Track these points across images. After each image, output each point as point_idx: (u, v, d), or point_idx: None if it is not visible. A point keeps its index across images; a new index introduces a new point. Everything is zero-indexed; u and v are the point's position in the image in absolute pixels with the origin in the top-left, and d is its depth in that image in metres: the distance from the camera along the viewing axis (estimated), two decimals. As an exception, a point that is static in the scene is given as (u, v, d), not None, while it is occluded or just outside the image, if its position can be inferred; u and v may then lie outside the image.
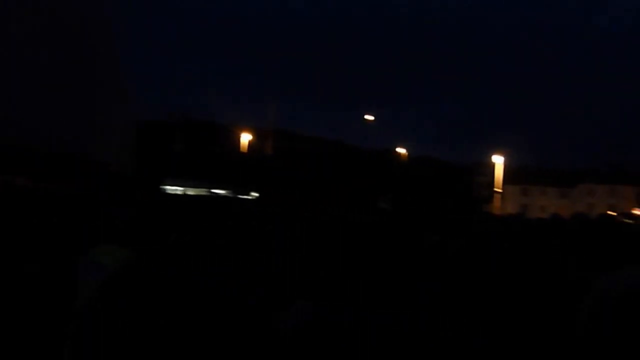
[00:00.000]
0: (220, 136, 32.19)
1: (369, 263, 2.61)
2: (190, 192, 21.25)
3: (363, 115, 43.60)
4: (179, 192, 20.27)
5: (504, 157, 36.35)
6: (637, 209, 36.70)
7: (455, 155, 64.55)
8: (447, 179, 40.73)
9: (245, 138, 35.56)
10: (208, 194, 22.77)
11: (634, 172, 49.18)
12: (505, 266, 2.46)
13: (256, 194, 27.73)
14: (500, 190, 35.25)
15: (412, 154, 45.54)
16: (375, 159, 40.31)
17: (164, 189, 20.17)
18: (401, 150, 44.17)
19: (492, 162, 37.25)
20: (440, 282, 2.06)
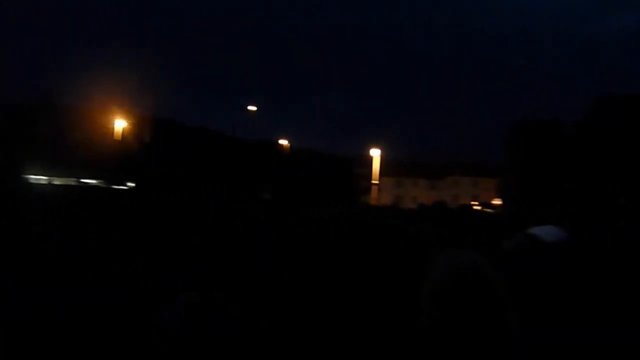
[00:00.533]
0: (89, 121, 29.67)
1: (244, 250, 2.61)
2: (57, 181, 19.46)
3: (247, 106, 43.14)
4: (43, 182, 18.46)
5: (381, 150, 38.35)
6: (496, 199, 40.72)
7: (338, 148, 66.64)
8: (328, 170, 41.91)
9: (120, 125, 33.32)
10: (77, 183, 21.07)
11: (494, 166, 54.49)
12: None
13: (132, 184, 26.19)
14: (377, 182, 37.13)
15: (295, 145, 46.12)
16: (258, 150, 40.12)
17: (26, 179, 18.30)
18: (284, 142, 44.54)
19: (370, 155, 39.07)
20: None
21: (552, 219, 2.95)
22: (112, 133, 32.89)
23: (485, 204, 34.32)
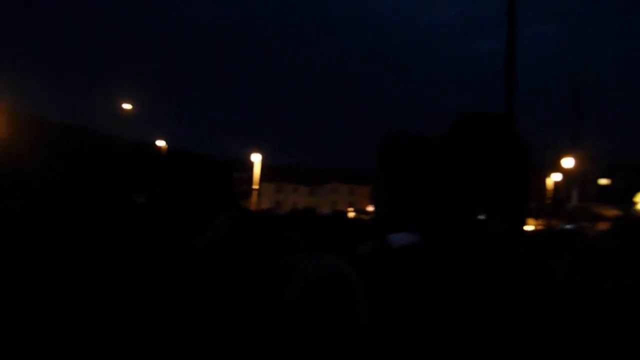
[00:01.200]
0: None
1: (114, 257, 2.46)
2: None
3: (121, 104, 40.44)
4: None
5: (262, 155, 38.42)
6: (370, 206, 42.70)
7: (219, 151, 65.21)
8: (207, 174, 40.88)
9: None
10: None
11: (370, 175, 57.28)
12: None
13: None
14: (257, 187, 37.05)
15: (173, 147, 44.22)
16: (132, 150, 37.76)
17: None
18: (161, 143, 42.53)
19: (251, 160, 38.92)
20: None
21: (411, 226, 3.25)
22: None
23: (360, 211, 35.96)
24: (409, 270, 2.15)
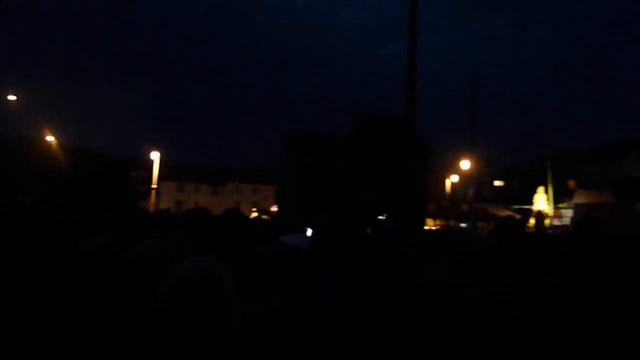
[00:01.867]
0: None
1: None
2: None
3: (6, 95, 36.85)
4: None
5: (162, 153, 36.98)
6: (274, 206, 42.73)
7: (116, 148, 61.97)
8: (100, 172, 38.55)
9: None
10: None
11: (274, 173, 57.25)
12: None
13: None
14: (155, 186, 35.62)
15: (65, 142, 41.13)
16: (15, 145, 34.58)
17: None
18: (50, 138, 39.37)
19: (150, 158, 37.29)
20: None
21: (307, 226, 3.26)
22: None
23: (263, 211, 35.87)
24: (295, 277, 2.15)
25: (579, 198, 22.41)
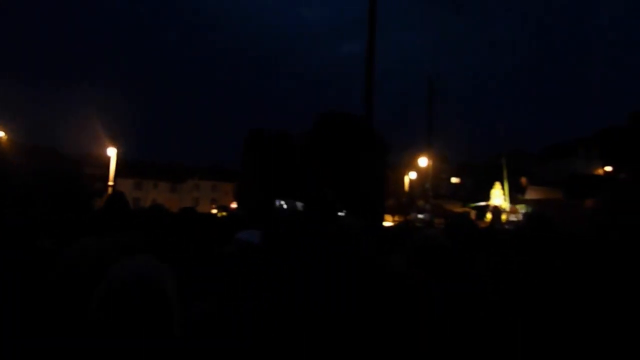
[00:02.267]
0: None
1: None
2: None
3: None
4: None
5: (119, 149, 35.98)
6: (234, 202, 42.46)
7: (71, 145, 59.98)
8: (52, 169, 37.17)
9: None
10: None
11: (232, 170, 56.82)
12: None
13: None
14: (112, 184, 34.64)
15: (15, 139, 39.41)
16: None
17: None
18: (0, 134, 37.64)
19: (106, 154, 36.22)
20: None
21: (262, 223, 3.19)
22: None
23: (223, 208, 35.48)
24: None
25: (531, 194, 23.17)
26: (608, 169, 33.44)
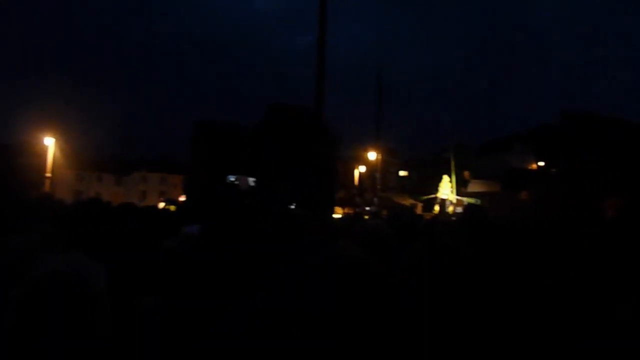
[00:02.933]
0: None
1: None
2: None
3: None
4: None
5: (57, 139, 34.38)
6: (183, 196, 41.54)
7: (5, 135, 56.51)
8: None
9: None
10: None
11: (182, 163, 55.45)
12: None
13: None
14: (49, 175, 33.06)
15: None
16: None
17: None
18: None
19: (44, 144, 34.48)
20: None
21: (206, 217, 3.19)
22: None
23: (171, 201, 34.72)
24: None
25: (472, 188, 24.09)
26: (541, 164, 35.22)
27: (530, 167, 39.18)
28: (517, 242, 2.66)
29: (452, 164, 22.36)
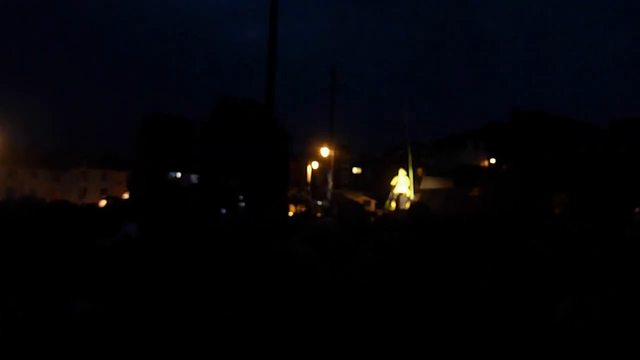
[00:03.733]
0: None
1: None
2: None
3: None
4: None
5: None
6: (126, 193, 40.38)
7: None
8: None
9: None
10: None
11: (124, 159, 53.93)
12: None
13: None
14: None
15: None
16: None
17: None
18: None
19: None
20: None
21: (142, 215, 3.10)
22: None
23: (113, 199, 33.58)
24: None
25: (426, 184, 24.63)
26: (492, 161, 36.49)
27: (482, 164, 40.43)
28: (457, 237, 2.75)
29: (410, 159, 22.51)
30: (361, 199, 34.52)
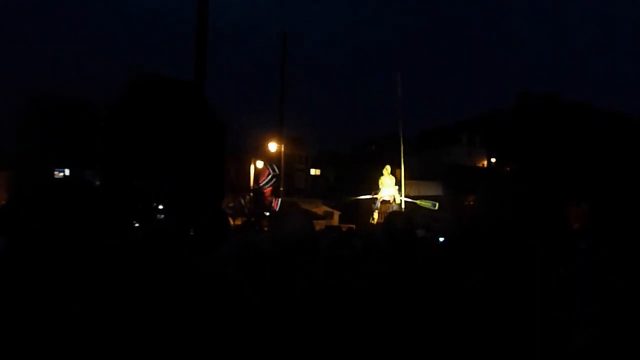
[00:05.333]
0: None
1: None
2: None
3: None
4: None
5: None
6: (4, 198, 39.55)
7: None
8: None
9: None
10: None
11: (8, 157, 52.65)
12: None
13: None
14: None
15: None
16: None
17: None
18: None
19: None
20: None
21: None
22: None
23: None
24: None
25: (408, 189, 24.53)
26: (492, 160, 37.12)
27: (479, 164, 41.21)
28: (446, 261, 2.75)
29: (401, 150, 21.88)
30: (321, 209, 34.17)
